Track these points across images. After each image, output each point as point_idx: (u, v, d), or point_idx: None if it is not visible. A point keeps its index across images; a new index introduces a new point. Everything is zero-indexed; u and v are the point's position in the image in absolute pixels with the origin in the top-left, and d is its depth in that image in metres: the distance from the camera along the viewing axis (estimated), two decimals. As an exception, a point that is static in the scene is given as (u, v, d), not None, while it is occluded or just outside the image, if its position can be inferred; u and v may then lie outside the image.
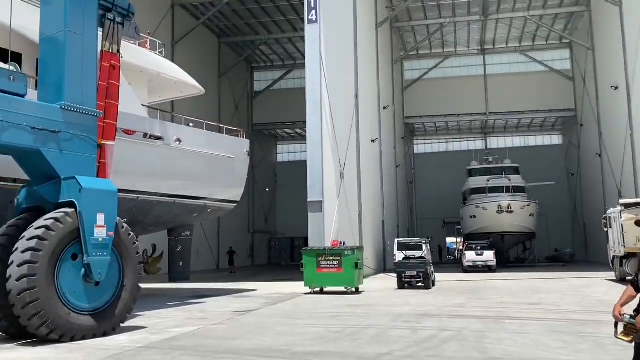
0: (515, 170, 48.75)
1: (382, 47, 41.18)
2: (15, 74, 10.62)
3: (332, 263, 19.53)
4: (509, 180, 46.07)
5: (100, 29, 13.53)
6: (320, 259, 19.65)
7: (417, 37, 53.19)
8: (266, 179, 58.62)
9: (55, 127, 10.78)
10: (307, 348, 9.09)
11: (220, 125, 23.23)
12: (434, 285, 22.75)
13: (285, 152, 65.56)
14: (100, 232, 10.73)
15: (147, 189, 17.06)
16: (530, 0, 44.37)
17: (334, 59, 25.70)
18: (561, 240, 54.16)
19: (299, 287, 21.13)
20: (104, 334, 10.56)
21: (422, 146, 64.35)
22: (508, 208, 41.57)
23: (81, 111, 11.35)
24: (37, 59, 13.65)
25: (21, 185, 12.00)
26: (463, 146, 62.48)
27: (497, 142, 61.66)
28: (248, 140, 22.80)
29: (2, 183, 13.20)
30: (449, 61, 57.52)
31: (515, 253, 51.86)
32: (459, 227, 51.52)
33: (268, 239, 60.89)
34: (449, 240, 62.17)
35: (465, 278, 29.64)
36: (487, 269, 35.32)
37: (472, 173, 50.21)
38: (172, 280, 26.03)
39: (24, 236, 9.94)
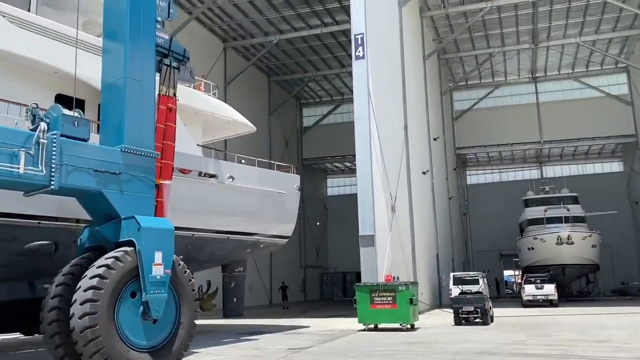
0: (574, 200, 46.94)
1: (430, 78, 41.10)
2: (79, 119, 11.08)
3: (386, 299, 19.16)
4: (568, 210, 44.36)
5: (157, 74, 14.11)
6: (373, 294, 19.31)
7: (466, 68, 52.88)
8: (317, 213, 58.70)
9: (116, 169, 11.19)
10: (364, 388, 8.89)
11: (271, 162, 23.57)
12: (492, 321, 21.95)
13: (335, 186, 65.61)
14: (158, 270, 10.95)
15: (202, 226, 17.34)
16: (582, 26, 43.46)
17: (382, 93, 25.79)
18: (627, 272, 51.37)
19: (352, 323, 20.80)
20: (162, 372, 10.69)
21: (474, 177, 63.04)
22: (568, 239, 39.94)
23: (140, 153, 11.75)
24: (99, 105, 14.36)
25: (84, 225, 12.45)
26: (517, 176, 60.88)
27: (553, 171, 59.83)
28: (298, 176, 22.97)
29: (65, 223, 13.63)
30: (499, 90, 56.71)
31: (577, 286, 49.40)
32: (517, 259, 49.77)
33: (320, 273, 60.58)
34: (507, 273, 60.08)
35: (525, 313, 28.45)
36: (548, 303, 33.78)
37: (528, 203, 48.65)
38: (226, 316, 26.13)
39: (86, 275, 10.21)
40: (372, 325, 19.59)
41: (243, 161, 21.03)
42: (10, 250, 12.73)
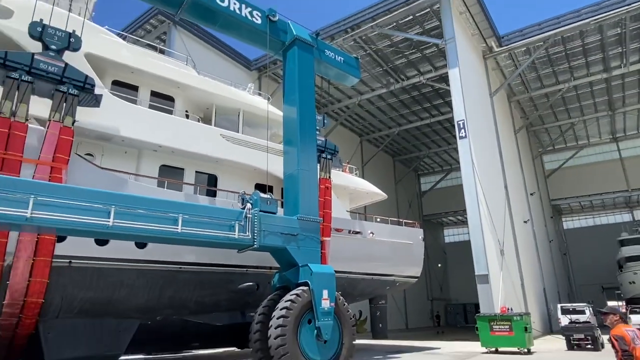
0: (672, 239, 38.96)
1: (522, 147, 37.96)
2: (271, 199, 11.85)
3: (503, 327, 17.11)
4: None
5: (318, 164, 14.83)
6: (492, 323, 17.40)
7: (552, 136, 48.05)
8: (437, 257, 55.52)
9: (295, 232, 11.76)
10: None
11: (400, 220, 23.12)
12: (603, 347, 18.41)
13: (451, 235, 61.81)
14: (326, 303, 11.07)
15: (353, 269, 17.25)
16: (655, 91, 37.70)
17: (483, 161, 24.38)
18: None
19: (475, 346, 18.80)
20: (332, 381, 10.55)
21: (570, 222, 55.35)
22: (668, 273, 32.91)
23: (310, 220, 12.23)
24: (282, 189, 15.42)
25: (275, 271, 13.11)
26: (610, 219, 52.31)
27: (643, 214, 50.54)
28: (421, 230, 22.17)
29: (263, 270, 14.27)
30: (584, 151, 50.34)
31: None
32: (619, 292, 41.84)
33: (444, 304, 56.38)
34: (610, 303, 50.51)
35: (635, 341, 23.44)
36: (656, 330, 27.64)
37: (624, 243, 41.25)
38: (374, 337, 25.35)
39: (277, 307, 10.68)
40: (493, 349, 17.58)
41: (378, 220, 20.91)
42: (229, 289, 13.63)
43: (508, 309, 19.07)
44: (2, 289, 9.72)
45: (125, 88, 13.81)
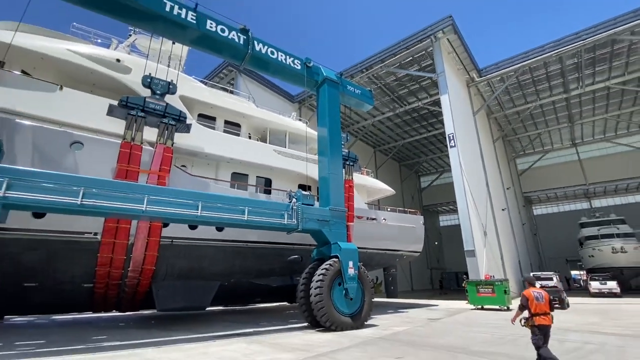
0: (622, 221, 35.65)
1: (499, 152, 36.12)
2: (310, 195, 11.87)
3: (487, 289, 16.41)
4: (618, 229, 33.82)
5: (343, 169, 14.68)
6: (478, 287, 16.70)
7: (523, 143, 45.49)
8: (434, 237, 53.63)
9: (327, 218, 11.71)
10: (480, 348, 7.58)
11: (405, 209, 22.58)
12: (568, 306, 17.24)
13: (445, 220, 59.50)
14: (351, 271, 10.99)
15: (370, 247, 17.05)
16: (607, 107, 34.88)
17: (469, 164, 23.42)
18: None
19: (464, 304, 18.14)
20: (357, 328, 10.33)
21: (539, 210, 51.96)
22: (622, 249, 30.14)
23: (338, 210, 12.16)
24: (317, 187, 15.44)
25: (313, 247, 13.16)
26: (572, 207, 48.73)
27: (600, 203, 46.66)
28: (422, 216, 21.55)
29: (305, 246, 14.19)
30: (549, 154, 47.18)
31: (636, 282, 36.28)
32: (580, 263, 38.76)
33: (441, 272, 54.49)
34: (573, 272, 46.97)
35: (594, 302, 21.79)
36: (612, 295, 25.33)
37: (584, 225, 38.15)
38: (388, 296, 24.87)
39: (316, 273, 10.67)
40: (479, 307, 16.84)
41: (388, 209, 20.53)
42: (281, 260, 13.77)
43: (491, 276, 18.26)
44: (127, 260, 10.29)
45: (206, 119, 14.26)
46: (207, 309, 14.76)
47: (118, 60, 11.93)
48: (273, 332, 9.98)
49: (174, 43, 14.58)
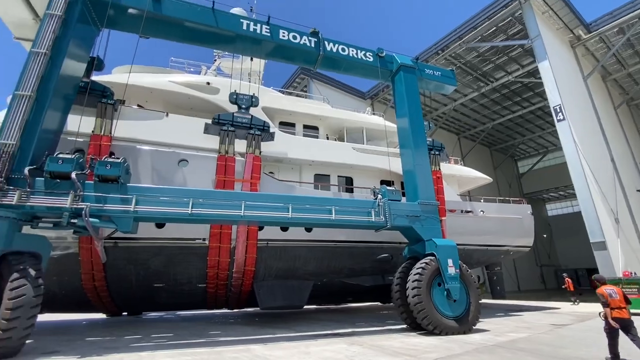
0: None
1: (625, 121, 29.14)
2: (395, 190, 11.16)
3: (630, 290, 13.19)
4: None
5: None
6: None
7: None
8: (542, 229, 46.10)
9: (417, 214, 10.95)
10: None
11: (507, 198, 19.84)
12: None
13: (554, 209, 50.86)
14: (451, 270, 10.00)
15: (469, 242, 15.41)
16: None
17: (585, 138, 19.36)
18: None
19: (594, 307, 14.88)
20: (464, 333, 9.33)
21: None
22: None
23: (429, 204, 11.27)
24: (401, 182, 14.66)
25: (405, 245, 12.44)
26: None
27: None
28: (529, 205, 18.59)
29: (395, 244, 13.62)
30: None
31: None
32: None
33: (554, 270, 46.60)
34: None
35: None
36: None
37: None
38: (493, 298, 22.21)
39: (411, 272, 10.01)
40: (620, 311, 13.57)
41: (482, 200, 18.26)
42: (371, 259, 13.44)
43: (632, 273, 14.67)
44: (232, 262, 11.27)
45: (287, 126, 14.89)
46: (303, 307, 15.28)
47: (208, 84, 13.31)
48: (371, 333, 9.68)
49: (252, 59, 15.64)
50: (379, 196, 10.79)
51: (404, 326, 10.43)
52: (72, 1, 9.25)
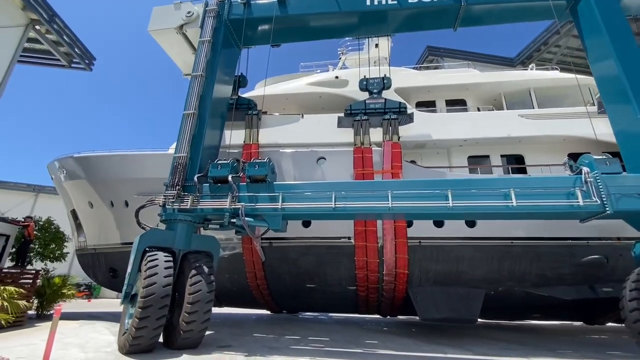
0: None
1: None
2: (609, 159, 7.69)
3: None
4: None
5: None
6: None
7: None
8: None
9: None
10: None
11: None
12: None
13: None
14: None
15: None
16: None
17: None
18: None
19: None
20: None
21: None
22: None
23: None
24: (601, 153, 10.29)
25: (633, 240, 8.32)
26: None
27: None
28: None
29: (609, 242, 9.63)
30: None
31: None
32: None
33: None
34: None
35: None
36: None
37: None
38: None
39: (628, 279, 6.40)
40: None
41: None
42: (572, 263, 9.80)
43: None
44: (381, 264, 10.10)
45: (425, 106, 12.96)
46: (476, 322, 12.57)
47: (336, 77, 12.93)
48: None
49: (377, 46, 14.57)
50: (585, 169, 7.50)
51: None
52: (217, 27, 10.40)
